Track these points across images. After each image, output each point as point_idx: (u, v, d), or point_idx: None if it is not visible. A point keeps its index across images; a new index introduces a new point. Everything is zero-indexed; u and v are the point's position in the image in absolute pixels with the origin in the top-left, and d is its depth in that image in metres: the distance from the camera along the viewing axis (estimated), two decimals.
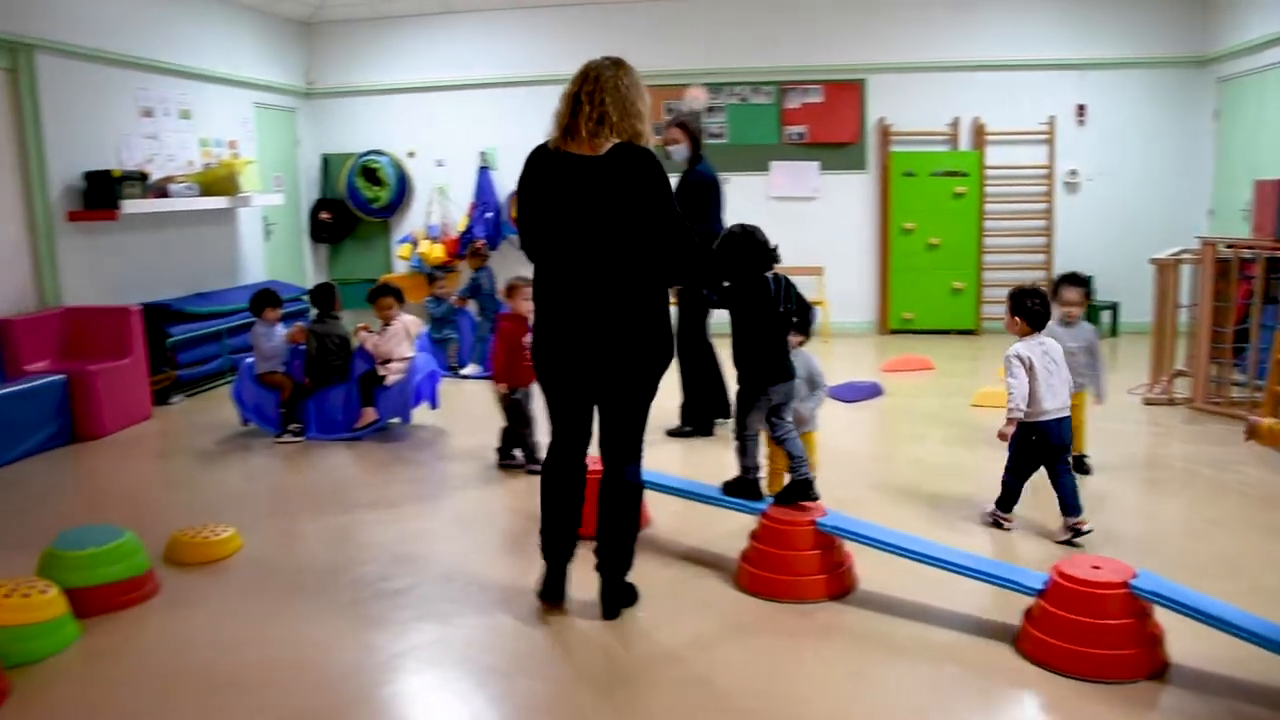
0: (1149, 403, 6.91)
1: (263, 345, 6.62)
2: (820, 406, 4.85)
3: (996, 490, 4.62)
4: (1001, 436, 4.42)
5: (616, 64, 3.54)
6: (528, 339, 5.24)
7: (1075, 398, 4.80)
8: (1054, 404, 4.39)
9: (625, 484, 3.70)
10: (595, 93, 3.47)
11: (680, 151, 6.06)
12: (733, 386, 4.30)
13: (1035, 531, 4.53)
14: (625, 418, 3.66)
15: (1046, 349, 4.44)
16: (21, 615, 3.49)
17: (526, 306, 5.36)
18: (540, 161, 3.58)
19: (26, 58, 7.05)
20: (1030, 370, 4.36)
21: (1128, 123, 9.87)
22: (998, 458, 5.70)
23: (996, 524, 4.63)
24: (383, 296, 6.68)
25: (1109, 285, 9.65)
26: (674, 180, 3.84)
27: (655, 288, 3.57)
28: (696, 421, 6.28)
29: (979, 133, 9.99)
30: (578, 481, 3.81)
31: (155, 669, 3.46)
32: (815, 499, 4.04)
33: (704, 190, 6.01)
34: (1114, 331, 9.70)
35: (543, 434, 4.35)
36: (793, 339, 4.40)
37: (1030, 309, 4.47)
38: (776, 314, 4.10)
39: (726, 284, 4.13)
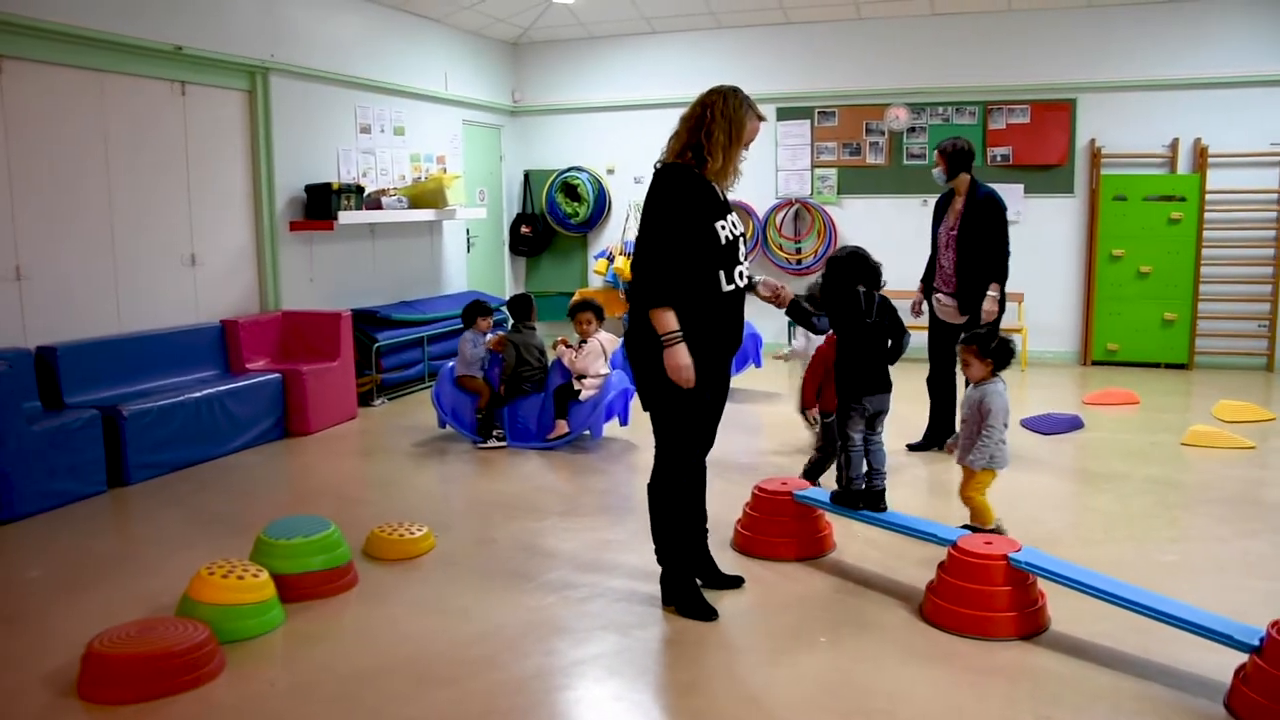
0: None
1: (467, 351, 6.88)
2: (994, 448, 4.44)
3: (1212, 529, 4.33)
4: None
5: (724, 94, 3.77)
6: None
7: None
8: None
9: (651, 479, 3.96)
10: (691, 120, 3.77)
11: (938, 175, 6.21)
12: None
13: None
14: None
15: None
16: (237, 595, 3.75)
17: None
18: None
19: (262, 80, 7.60)
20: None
21: None
22: (1211, 500, 5.39)
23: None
24: (583, 311, 6.83)
25: None
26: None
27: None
28: (931, 440, 6.42)
29: (1200, 155, 9.41)
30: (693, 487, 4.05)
31: (353, 657, 3.64)
32: (883, 510, 4.34)
33: (986, 210, 6.08)
34: None
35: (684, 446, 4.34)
36: (975, 370, 4.49)
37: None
38: (866, 326, 4.22)
39: (826, 302, 4.32)
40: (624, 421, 6.84)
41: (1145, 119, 9.56)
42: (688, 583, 3.96)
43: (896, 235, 9.36)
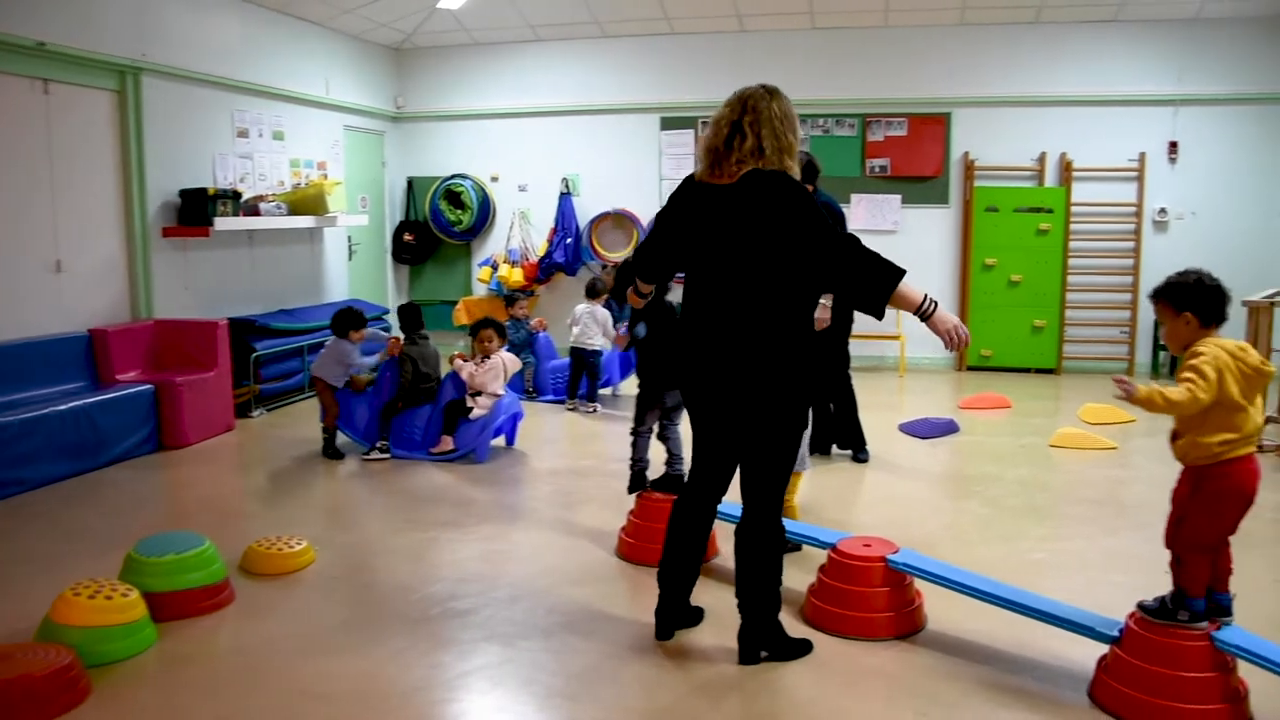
0: None
1: (354, 357, 6.69)
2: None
3: (1078, 528, 4.50)
4: None
5: (771, 94, 3.45)
6: None
7: None
8: (587, 341, 8.14)
9: (759, 530, 3.53)
10: (755, 123, 3.39)
11: None
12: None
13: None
14: (760, 460, 3.51)
15: (592, 312, 8.19)
16: (104, 617, 3.60)
17: None
18: (685, 194, 3.57)
19: (134, 80, 7.34)
20: (577, 319, 8.23)
21: (1221, 161, 9.63)
22: (1077, 499, 5.62)
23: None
24: (485, 329, 6.81)
25: None
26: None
27: (793, 321, 3.39)
28: (815, 442, 6.26)
29: (1066, 169, 9.83)
30: (706, 522, 3.74)
31: (229, 676, 3.54)
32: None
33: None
34: None
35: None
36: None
37: (590, 286, 8.48)
38: (676, 329, 4.13)
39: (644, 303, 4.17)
40: (510, 442, 6.83)
41: (1015, 134, 9.94)
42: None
43: None
